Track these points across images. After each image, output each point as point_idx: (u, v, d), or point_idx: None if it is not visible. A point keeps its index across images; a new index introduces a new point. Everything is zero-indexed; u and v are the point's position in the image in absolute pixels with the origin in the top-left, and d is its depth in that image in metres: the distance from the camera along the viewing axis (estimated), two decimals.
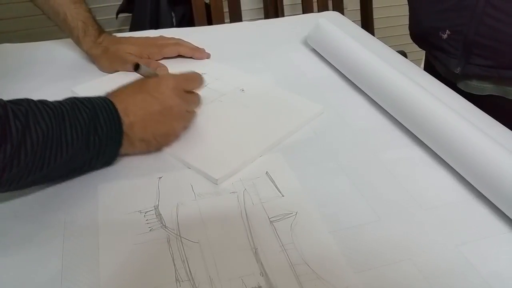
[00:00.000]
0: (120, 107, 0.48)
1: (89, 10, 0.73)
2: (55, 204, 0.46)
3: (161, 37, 0.77)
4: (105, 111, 0.47)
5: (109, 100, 0.49)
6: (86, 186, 0.48)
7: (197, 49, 0.77)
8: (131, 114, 0.49)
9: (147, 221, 0.44)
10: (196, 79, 0.56)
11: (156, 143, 0.52)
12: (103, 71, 0.72)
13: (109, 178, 0.49)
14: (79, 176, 0.49)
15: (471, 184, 0.48)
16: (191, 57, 0.76)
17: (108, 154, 0.49)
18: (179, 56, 0.76)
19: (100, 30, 0.73)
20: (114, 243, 0.42)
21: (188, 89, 0.54)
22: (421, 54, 1.88)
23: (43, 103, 0.43)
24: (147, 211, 0.45)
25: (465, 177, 0.49)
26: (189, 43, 0.77)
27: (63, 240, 0.42)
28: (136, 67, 0.53)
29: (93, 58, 0.73)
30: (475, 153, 0.48)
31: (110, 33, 0.75)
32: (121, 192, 0.48)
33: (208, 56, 0.77)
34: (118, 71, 0.71)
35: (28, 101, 0.43)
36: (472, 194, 0.48)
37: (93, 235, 0.43)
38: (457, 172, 0.50)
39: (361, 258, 0.40)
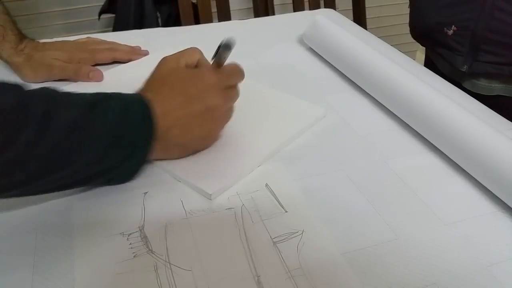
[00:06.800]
0: (159, 109, 0.42)
1: (8, 13, 0.64)
2: (23, 225, 0.40)
3: (92, 41, 0.71)
4: (139, 108, 0.41)
5: (141, 96, 0.43)
6: (59, 204, 0.42)
7: (133, 50, 0.70)
8: (170, 118, 0.43)
9: (130, 245, 0.38)
10: (238, 72, 0.49)
11: (194, 147, 0.47)
12: (26, 81, 0.63)
13: (86, 194, 0.43)
14: (98, 186, 0.43)
15: (495, 195, 0.43)
16: (128, 61, 0.69)
17: (136, 159, 0.43)
18: (115, 62, 0.69)
19: (21, 36, 0.65)
20: (92, 272, 0.36)
21: (229, 84, 0.48)
22: (414, 54, 1.85)
23: (65, 91, 0.38)
24: (130, 233, 0.39)
25: (488, 188, 0.44)
26: (125, 45, 0.71)
27: (32, 267, 0.36)
28: (228, 46, 0.46)
29: (13, 67, 0.64)
30: (498, 159, 0.43)
31: (33, 39, 0.67)
32: (100, 211, 0.41)
33: (146, 53, 0.71)
34: (44, 80, 0.64)
35: (47, 88, 0.37)
36: (498, 206, 0.43)
37: (68, 263, 0.36)
38: (478, 181, 0.45)
39: (381, 285, 0.35)
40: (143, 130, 0.41)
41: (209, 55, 0.71)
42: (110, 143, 0.39)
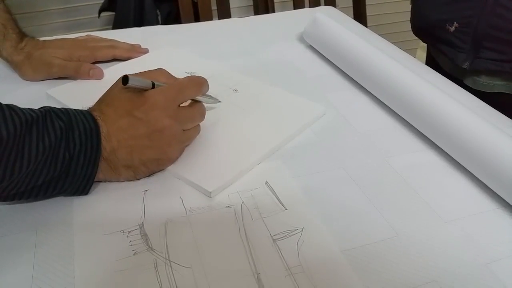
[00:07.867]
0: (103, 130, 0.42)
1: (9, 11, 0.64)
2: (24, 222, 0.40)
3: (92, 38, 0.71)
4: (83, 125, 0.40)
5: (89, 113, 0.42)
6: (59, 200, 0.42)
7: (132, 48, 0.70)
8: (113, 139, 0.42)
9: (130, 243, 0.38)
10: (194, 85, 0.46)
11: (146, 170, 0.44)
12: (26, 80, 0.64)
13: None
14: (47, 198, 0.42)
15: (495, 192, 0.43)
16: (127, 59, 0.69)
17: (80, 178, 0.41)
18: (115, 60, 0.69)
19: (22, 34, 0.65)
20: (92, 269, 0.36)
21: (183, 101, 0.45)
22: (415, 52, 1.85)
23: (10, 107, 0.37)
24: (130, 231, 0.39)
25: (488, 185, 0.44)
26: (124, 43, 0.71)
27: (32, 265, 0.36)
28: (125, 81, 0.41)
29: (13, 66, 0.64)
30: (498, 157, 0.42)
31: (33, 37, 0.66)
32: (100, 208, 0.41)
33: (146, 51, 0.71)
34: (43, 79, 0.64)
35: None
36: (497, 203, 0.43)
37: (68, 259, 0.37)
38: (478, 178, 0.45)
39: (381, 282, 0.35)
40: (86, 147, 0.40)
41: (209, 53, 0.72)
42: (47, 161, 0.38)
